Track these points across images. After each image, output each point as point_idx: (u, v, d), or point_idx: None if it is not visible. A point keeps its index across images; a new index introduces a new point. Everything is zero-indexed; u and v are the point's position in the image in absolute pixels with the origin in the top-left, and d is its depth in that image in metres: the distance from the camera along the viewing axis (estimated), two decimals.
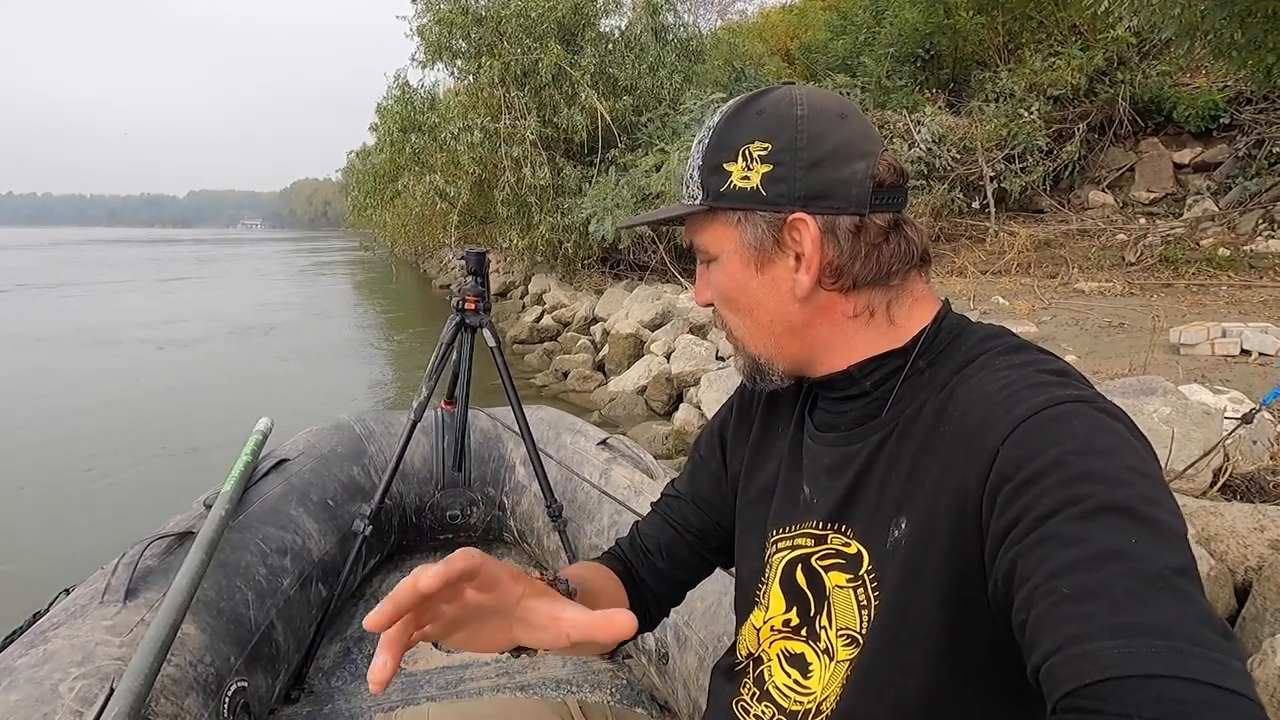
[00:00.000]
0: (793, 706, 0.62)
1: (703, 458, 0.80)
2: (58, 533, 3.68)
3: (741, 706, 0.67)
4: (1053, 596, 0.40)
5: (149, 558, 1.23)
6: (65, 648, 1.00)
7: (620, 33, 10.01)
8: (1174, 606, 0.38)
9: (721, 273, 0.63)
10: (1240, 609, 1.79)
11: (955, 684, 0.52)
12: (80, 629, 1.05)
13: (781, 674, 0.64)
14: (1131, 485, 0.43)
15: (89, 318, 11.78)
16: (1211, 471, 2.23)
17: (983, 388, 0.53)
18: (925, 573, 0.52)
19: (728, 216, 0.61)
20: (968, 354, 0.57)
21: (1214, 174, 7.90)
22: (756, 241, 0.60)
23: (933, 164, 8.02)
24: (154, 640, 0.98)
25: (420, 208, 10.04)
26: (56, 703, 0.91)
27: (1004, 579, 0.45)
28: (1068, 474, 0.44)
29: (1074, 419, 0.47)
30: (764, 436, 0.73)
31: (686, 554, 0.79)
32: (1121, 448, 0.45)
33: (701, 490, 0.79)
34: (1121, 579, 0.39)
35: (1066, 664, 0.38)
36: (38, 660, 0.98)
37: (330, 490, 1.74)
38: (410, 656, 1.63)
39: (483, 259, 1.85)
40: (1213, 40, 5.61)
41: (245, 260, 31.38)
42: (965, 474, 0.50)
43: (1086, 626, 0.38)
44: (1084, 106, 8.51)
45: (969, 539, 0.49)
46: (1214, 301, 5.45)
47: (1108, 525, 0.41)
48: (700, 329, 6.02)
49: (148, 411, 5.99)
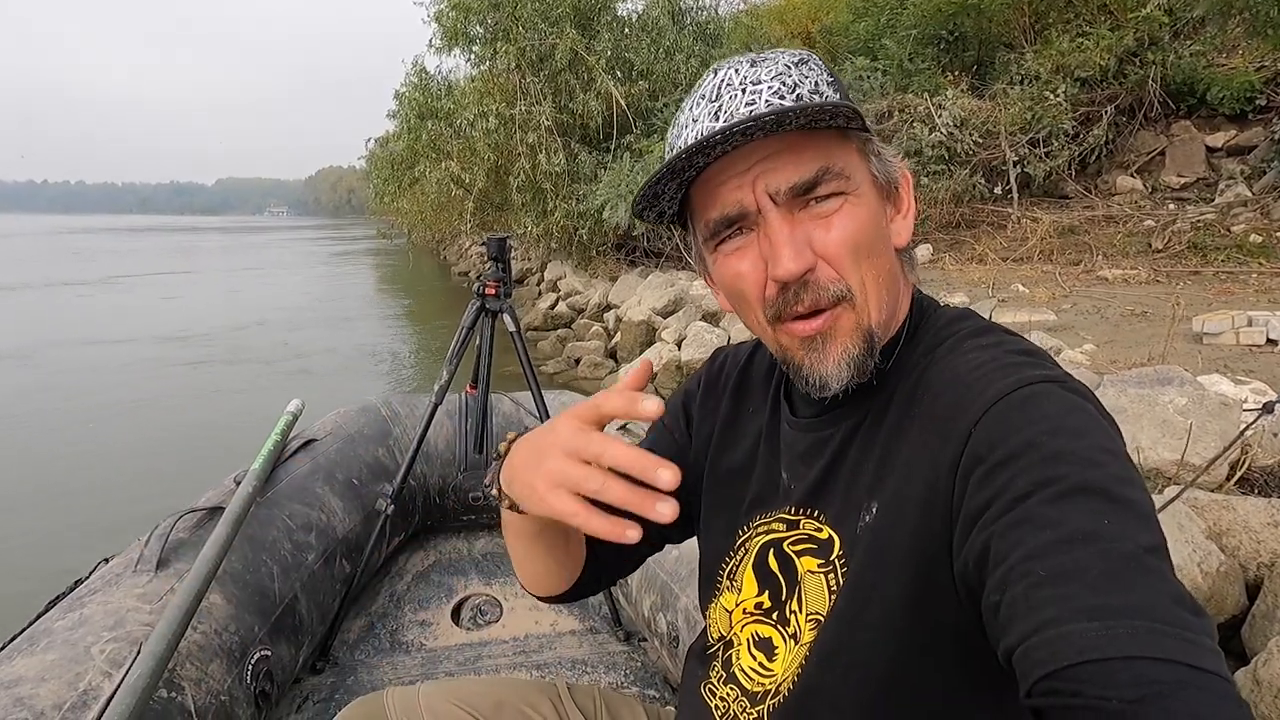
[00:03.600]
0: (754, 688, 0.62)
1: (665, 427, 0.76)
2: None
3: (709, 689, 0.66)
4: (1029, 579, 0.40)
5: (180, 530, 1.28)
6: (99, 613, 1.06)
7: (637, 16, 9.94)
8: (1149, 587, 0.38)
9: (863, 208, 0.54)
10: (1251, 606, 1.77)
11: (916, 665, 0.51)
12: (114, 596, 1.10)
13: (748, 657, 0.63)
14: (1104, 466, 0.43)
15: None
16: (1228, 464, 2.20)
17: (953, 370, 0.52)
18: (892, 554, 0.51)
19: (858, 139, 0.54)
20: (936, 336, 0.57)
21: (1248, 158, 7.68)
22: (887, 177, 0.56)
23: (954, 148, 7.88)
24: (179, 608, 1.03)
25: (437, 194, 10.10)
26: (89, 663, 0.96)
27: (976, 560, 0.44)
28: (1041, 455, 0.44)
29: (1045, 400, 0.47)
30: (735, 415, 0.71)
31: (643, 525, 0.76)
32: (1092, 428, 0.45)
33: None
34: (1096, 560, 0.39)
35: (1044, 646, 0.38)
36: (74, 624, 1.04)
37: (355, 470, 1.79)
38: (431, 633, 1.68)
39: (504, 245, 1.87)
40: (1248, 18, 5.46)
41: (266, 250, 31.57)
42: (937, 456, 0.49)
43: (1063, 609, 0.38)
44: (1113, 89, 8.30)
45: (938, 520, 0.49)
46: (1243, 290, 5.33)
47: (1082, 506, 0.41)
48: (713, 316, 6.02)
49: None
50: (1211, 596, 1.77)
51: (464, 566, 1.95)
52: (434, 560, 1.98)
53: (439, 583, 1.88)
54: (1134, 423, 2.35)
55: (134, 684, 0.93)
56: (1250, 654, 1.66)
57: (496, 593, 1.84)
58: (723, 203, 0.54)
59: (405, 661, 1.57)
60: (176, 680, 1.04)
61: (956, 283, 6.19)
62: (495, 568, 1.96)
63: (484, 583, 1.88)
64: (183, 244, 37.12)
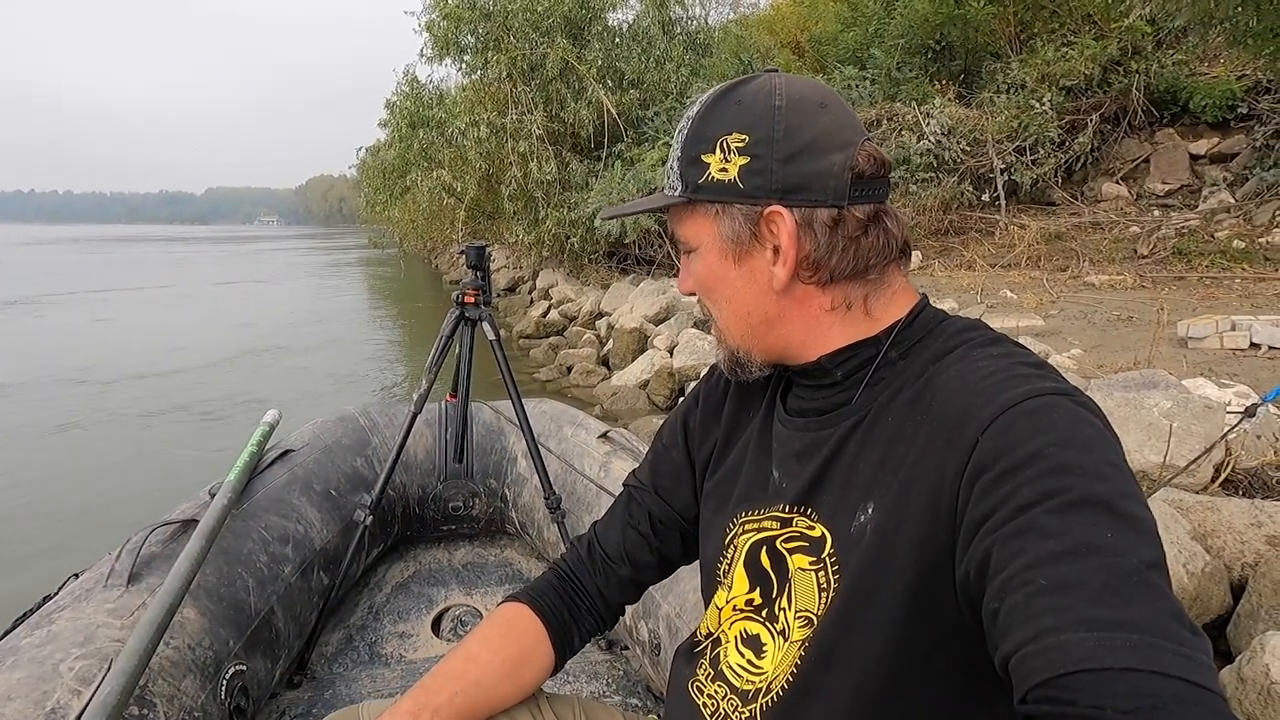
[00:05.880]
0: (744, 686, 0.62)
1: (665, 446, 0.80)
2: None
3: (696, 686, 0.67)
4: (1029, 587, 0.40)
5: (152, 544, 1.26)
6: (68, 629, 1.04)
7: (628, 26, 10.00)
8: (1149, 602, 0.38)
9: (700, 263, 0.64)
10: (1235, 605, 1.78)
11: (913, 669, 0.52)
12: (84, 611, 1.08)
13: (736, 654, 0.64)
14: (1110, 480, 0.43)
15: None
16: (1213, 466, 2.22)
17: (962, 377, 0.53)
18: (893, 558, 0.52)
19: (706, 208, 0.61)
20: (945, 344, 0.57)
21: (1231, 165, 7.77)
22: (734, 234, 0.60)
23: (942, 156, 7.95)
24: (150, 623, 1.01)
25: (429, 203, 10.10)
26: (57, 681, 0.94)
27: (977, 567, 0.45)
28: (1047, 466, 0.44)
29: (1054, 412, 0.47)
30: (735, 424, 0.73)
31: (649, 558, 0.79)
32: (1100, 443, 0.46)
33: (663, 480, 0.79)
34: (1098, 573, 0.39)
35: (1041, 654, 0.38)
36: (42, 640, 1.02)
37: (333, 481, 1.78)
38: (411, 645, 1.66)
39: (482, 253, 1.86)
40: (1229, 28, 5.53)
41: (259, 258, 30.73)
42: (943, 462, 0.50)
43: (1062, 618, 0.38)
44: (1097, 97, 8.39)
45: (941, 527, 0.49)
46: (1226, 295, 5.38)
47: (1086, 519, 0.41)
48: (705, 323, 6.00)
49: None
50: (1197, 597, 1.78)
51: (444, 577, 1.94)
52: (414, 571, 1.97)
53: (419, 594, 1.86)
54: (1120, 426, 2.37)
55: (104, 701, 0.91)
56: (1235, 653, 1.67)
57: (478, 603, 1.82)
58: (674, 233, 0.68)
59: (385, 674, 1.55)
60: (148, 697, 1.02)
61: (945, 289, 6.22)
62: (476, 578, 1.94)
63: (465, 593, 1.87)
64: (140, 255, 32.16)
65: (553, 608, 0.77)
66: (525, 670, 0.74)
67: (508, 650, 0.74)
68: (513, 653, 0.74)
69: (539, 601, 0.78)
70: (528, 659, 0.75)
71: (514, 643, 0.74)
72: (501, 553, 2.08)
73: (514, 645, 0.74)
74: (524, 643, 0.75)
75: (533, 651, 0.75)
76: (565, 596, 0.79)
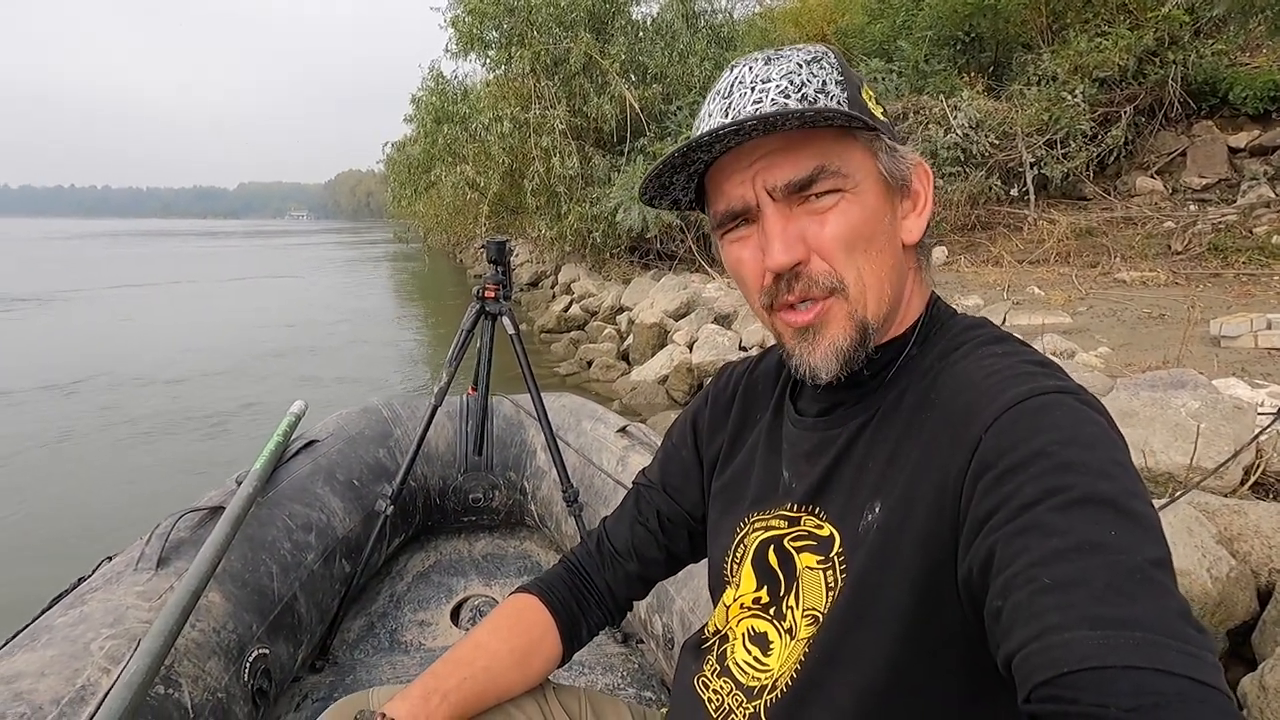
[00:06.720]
0: (749, 682, 0.62)
1: (674, 445, 0.80)
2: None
3: (702, 682, 0.67)
4: (1033, 585, 0.40)
5: (181, 529, 1.30)
6: (100, 610, 1.08)
7: (651, 20, 9.98)
8: (1153, 600, 0.38)
9: (859, 205, 0.55)
10: (1261, 612, 1.74)
11: (916, 667, 0.52)
12: (115, 593, 1.13)
13: (743, 651, 0.64)
14: (1114, 478, 0.43)
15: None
16: (1242, 469, 2.16)
17: (967, 375, 0.53)
18: (897, 556, 0.52)
19: (865, 138, 0.55)
20: (951, 342, 0.57)
21: (1272, 158, 7.53)
22: (899, 172, 0.56)
23: (970, 150, 7.82)
24: (176, 606, 1.04)
25: (453, 198, 10.19)
26: (87, 659, 0.98)
27: (980, 565, 0.45)
28: (1051, 464, 0.44)
29: (1058, 410, 0.47)
30: (742, 425, 0.73)
31: (657, 554, 0.80)
32: (1104, 441, 0.46)
33: (672, 479, 0.79)
34: (1102, 571, 0.39)
35: (1044, 652, 0.38)
36: (74, 620, 1.06)
37: (356, 471, 1.81)
38: (430, 633, 1.70)
39: (503, 248, 1.88)
40: (1270, 16, 5.35)
41: (289, 253, 31.10)
42: (947, 460, 0.50)
43: (1066, 616, 0.38)
44: (1132, 89, 8.17)
45: (945, 524, 0.49)
46: (1264, 292, 5.22)
47: (1089, 516, 0.41)
48: (725, 319, 6.00)
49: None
50: (1221, 602, 1.74)
51: (464, 567, 1.97)
52: (434, 561, 2.00)
53: (439, 583, 1.89)
54: (1145, 426, 2.31)
55: (130, 680, 0.95)
56: (1259, 659, 1.63)
57: (496, 594, 1.85)
58: (728, 197, 0.57)
59: (404, 661, 1.58)
60: (174, 677, 1.06)
61: (971, 285, 6.13)
62: (495, 569, 1.97)
63: (484, 584, 1.89)
64: (176, 250, 33.19)
65: (562, 600, 0.79)
66: (533, 660, 0.76)
67: (516, 640, 0.75)
68: (521, 642, 0.75)
69: (548, 593, 0.79)
70: (536, 649, 0.76)
71: (523, 633, 0.76)
72: (521, 544, 2.11)
73: (523, 635, 0.76)
74: (532, 633, 0.76)
75: (541, 642, 0.76)
76: (574, 589, 0.80)
